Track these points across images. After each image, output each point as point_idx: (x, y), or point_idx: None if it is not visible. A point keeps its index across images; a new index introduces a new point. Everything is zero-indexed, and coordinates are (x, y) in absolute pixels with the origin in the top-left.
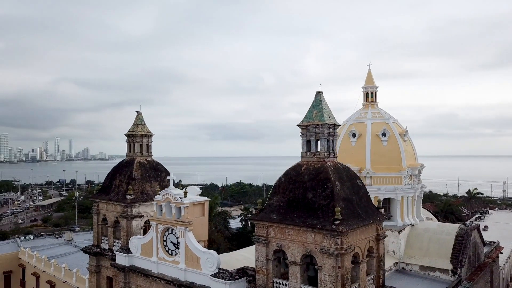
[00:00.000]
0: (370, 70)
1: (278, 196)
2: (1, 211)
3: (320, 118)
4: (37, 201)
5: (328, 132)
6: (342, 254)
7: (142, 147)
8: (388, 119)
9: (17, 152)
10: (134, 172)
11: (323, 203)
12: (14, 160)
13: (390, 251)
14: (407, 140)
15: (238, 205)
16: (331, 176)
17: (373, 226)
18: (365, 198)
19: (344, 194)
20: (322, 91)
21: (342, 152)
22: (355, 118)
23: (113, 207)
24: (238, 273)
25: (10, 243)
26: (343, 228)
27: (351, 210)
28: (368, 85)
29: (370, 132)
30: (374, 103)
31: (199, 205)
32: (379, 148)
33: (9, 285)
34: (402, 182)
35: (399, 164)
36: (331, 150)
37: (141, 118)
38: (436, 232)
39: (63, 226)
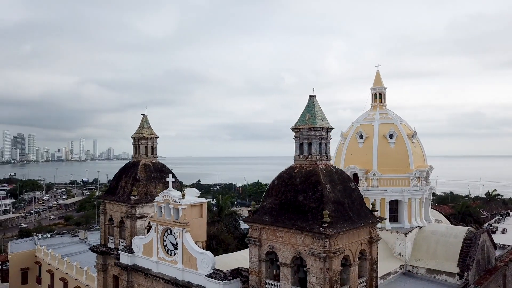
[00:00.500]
0: (378, 71)
1: (271, 199)
2: (27, 209)
3: (313, 121)
4: (60, 200)
5: (320, 135)
6: (330, 257)
7: (147, 149)
8: (396, 121)
9: (44, 152)
10: (138, 174)
11: (313, 205)
12: (41, 159)
13: (397, 254)
14: (415, 141)
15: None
16: (322, 179)
17: (365, 229)
18: (358, 201)
19: (335, 197)
20: (315, 95)
21: (350, 153)
22: (362, 119)
23: (118, 208)
24: (232, 274)
25: (28, 241)
26: (330, 231)
27: (342, 213)
28: (376, 86)
29: (377, 133)
30: (382, 104)
31: (197, 206)
32: (386, 150)
33: (26, 282)
34: (410, 184)
35: (406, 165)
36: (323, 153)
37: (146, 121)
38: (444, 235)
39: (83, 224)
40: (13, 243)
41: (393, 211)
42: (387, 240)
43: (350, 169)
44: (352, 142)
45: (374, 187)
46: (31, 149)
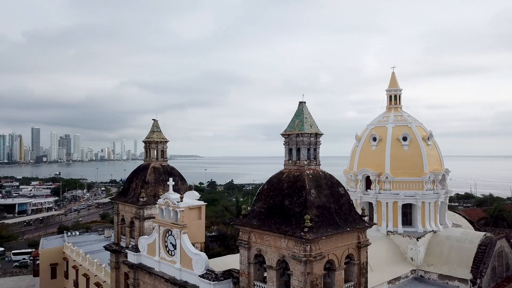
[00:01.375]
0: (394, 72)
1: (260, 203)
2: (68, 207)
3: (301, 127)
4: (99, 198)
5: (308, 141)
6: (311, 261)
7: (157, 153)
8: (411, 123)
9: (88, 152)
10: (148, 176)
11: (297, 210)
12: (86, 159)
13: (408, 258)
14: (431, 144)
15: None
16: (307, 184)
17: (353, 233)
18: (347, 206)
19: (320, 202)
20: (305, 101)
21: (363, 156)
22: (377, 122)
23: (129, 209)
24: (224, 275)
25: (59, 238)
26: (310, 236)
27: (327, 217)
28: (391, 88)
29: (390, 136)
30: (397, 106)
31: (196, 209)
32: (399, 152)
33: (55, 276)
34: (424, 188)
35: (420, 169)
36: (312, 158)
37: (157, 126)
38: (459, 240)
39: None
40: (45, 239)
41: (407, 215)
42: (399, 244)
43: (362, 172)
44: (365, 145)
45: (386, 190)
46: (76, 149)
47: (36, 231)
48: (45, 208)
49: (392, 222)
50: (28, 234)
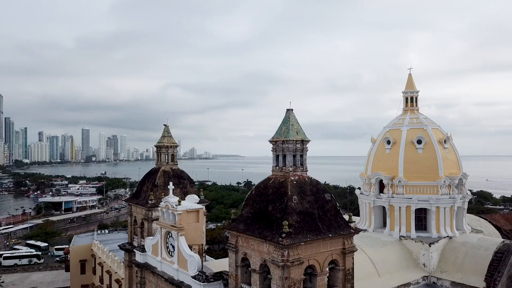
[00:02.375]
0: (410, 74)
1: (248, 208)
2: (110, 205)
3: (286, 134)
4: None
5: (294, 147)
6: (288, 266)
7: (167, 157)
8: (427, 125)
9: (134, 152)
10: (157, 180)
11: (278, 216)
12: (131, 159)
13: (421, 264)
14: (448, 147)
15: None
16: (289, 190)
17: (337, 239)
18: (332, 212)
19: (302, 208)
20: (292, 108)
21: (377, 159)
22: (392, 124)
23: (140, 210)
24: (214, 276)
25: (89, 236)
26: (287, 241)
27: (309, 223)
28: (408, 90)
29: (404, 139)
30: (414, 108)
31: (193, 212)
32: (413, 156)
33: (84, 272)
34: (438, 192)
35: (435, 172)
36: (298, 165)
37: (167, 131)
38: (474, 246)
39: None
40: (77, 236)
41: (421, 220)
42: (412, 249)
43: (375, 176)
44: (379, 148)
45: (399, 195)
46: (123, 149)
47: (78, 228)
48: (89, 206)
49: (405, 226)
50: (71, 230)
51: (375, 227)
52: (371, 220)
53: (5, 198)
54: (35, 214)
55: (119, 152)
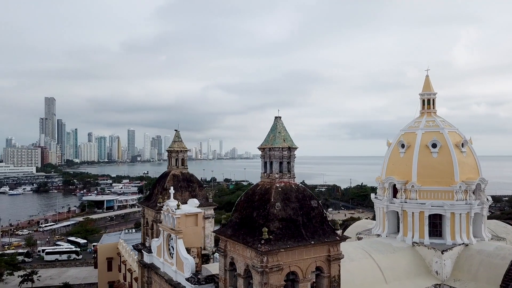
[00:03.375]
0: (428, 75)
1: (236, 213)
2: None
3: (273, 142)
4: None
5: (280, 155)
6: (267, 272)
7: (177, 161)
8: (443, 129)
9: None
10: (166, 183)
11: (261, 222)
12: None
13: (433, 271)
14: (466, 151)
15: (356, 209)
16: (272, 197)
17: (322, 247)
18: (318, 219)
19: (285, 215)
20: (280, 116)
21: (391, 163)
22: (407, 127)
23: (150, 212)
24: (206, 279)
25: (117, 234)
26: (265, 248)
27: (292, 230)
28: (425, 92)
29: (419, 142)
30: (431, 111)
31: (192, 216)
32: (428, 160)
33: (111, 269)
34: (454, 198)
35: (450, 177)
36: (285, 171)
37: (178, 136)
38: (490, 255)
39: None
40: (106, 235)
41: (436, 226)
42: (425, 256)
43: (388, 180)
44: (394, 152)
45: (412, 200)
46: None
47: (117, 226)
48: (129, 205)
49: (418, 232)
50: (110, 228)
51: (388, 233)
52: (385, 225)
53: (54, 196)
54: (79, 212)
55: (163, 152)
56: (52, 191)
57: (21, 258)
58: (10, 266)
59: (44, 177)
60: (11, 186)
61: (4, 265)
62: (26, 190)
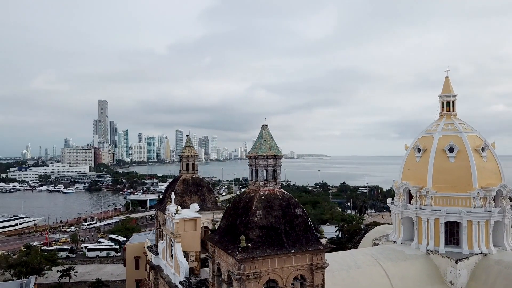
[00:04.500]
0: (447, 76)
1: (224, 220)
2: None
3: (258, 150)
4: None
5: (265, 163)
6: (243, 279)
7: (188, 166)
8: (462, 132)
9: (223, 152)
10: (176, 187)
11: (242, 230)
12: (221, 158)
13: (448, 281)
14: (486, 155)
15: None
16: (254, 205)
17: (304, 255)
18: (302, 227)
19: (266, 223)
20: (267, 124)
21: (407, 168)
22: (425, 131)
23: (161, 215)
24: (198, 284)
25: (147, 234)
26: (241, 256)
27: (272, 238)
28: (444, 94)
29: (435, 146)
30: (450, 113)
31: (191, 221)
32: (444, 165)
33: (138, 267)
34: (471, 204)
35: (468, 183)
36: (270, 179)
37: (189, 141)
38: (509, 265)
39: None
40: (136, 235)
41: (454, 234)
42: (439, 265)
43: (403, 186)
44: (410, 156)
45: (427, 206)
46: (213, 149)
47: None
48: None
49: (433, 240)
50: (150, 227)
51: (404, 239)
52: (400, 231)
53: (104, 194)
54: (124, 210)
55: (210, 152)
56: (102, 190)
57: (65, 254)
58: (49, 262)
59: (95, 177)
60: (65, 184)
61: (43, 261)
62: (78, 189)
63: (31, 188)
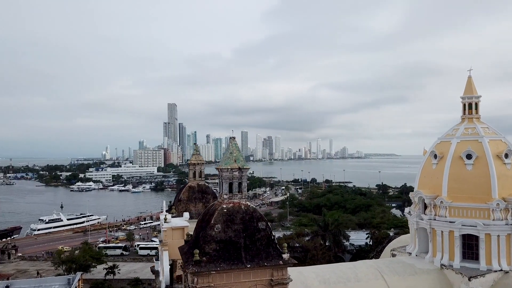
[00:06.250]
0: (470, 76)
1: (194, 231)
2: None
3: (224, 163)
4: (273, 197)
5: (230, 175)
6: None
7: (195, 173)
8: (483, 137)
9: (287, 152)
10: (181, 195)
11: (201, 243)
12: (285, 158)
13: None
14: (510, 163)
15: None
16: (213, 219)
17: (263, 270)
18: (264, 241)
19: (225, 237)
20: (234, 136)
21: (423, 175)
22: (444, 135)
23: None
24: None
25: None
26: (192, 269)
27: (230, 252)
28: (466, 95)
29: (452, 153)
30: (473, 116)
31: (179, 229)
32: (460, 173)
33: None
34: (490, 216)
35: (487, 193)
36: (235, 192)
37: (196, 149)
38: None
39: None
40: None
41: (472, 247)
42: (453, 281)
43: (418, 194)
44: (427, 163)
45: (441, 217)
46: (277, 149)
47: None
48: None
49: (448, 254)
50: None
51: (419, 251)
52: (416, 243)
53: (168, 194)
54: None
55: (274, 152)
56: (167, 189)
57: (119, 251)
58: (94, 260)
59: (162, 176)
60: (134, 184)
61: (89, 258)
62: (145, 188)
63: (104, 187)
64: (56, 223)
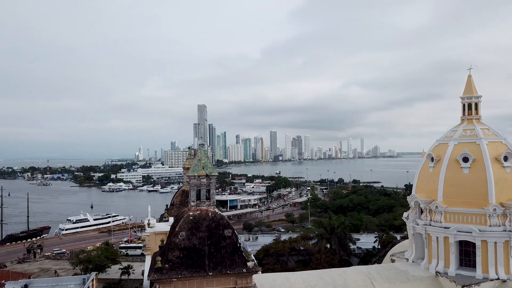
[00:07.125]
0: (470, 75)
1: (168, 238)
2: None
3: (192, 170)
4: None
5: (197, 182)
6: None
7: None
8: (481, 139)
9: (317, 151)
10: (174, 199)
11: (165, 250)
12: (315, 158)
13: None
14: (510, 166)
15: None
16: (178, 226)
17: (226, 278)
18: (229, 249)
19: (189, 244)
20: (203, 143)
21: (421, 179)
22: (443, 137)
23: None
24: None
25: None
26: (153, 277)
27: (193, 260)
28: (465, 95)
29: (449, 155)
30: (472, 117)
31: (162, 234)
32: (456, 177)
33: None
34: (487, 222)
35: (483, 198)
36: (203, 199)
37: (191, 154)
38: None
39: (297, 223)
40: None
41: (470, 255)
42: None
43: (413, 199)
44: (424, 166)
45: (436, 222)
46: (307, 149)
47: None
48: (250, 205)
49: (443, 261)
50: None
51: (416, 257)
52: (413, 248)
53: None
54: None
55: (303, 152)
56: None
57: (140, 251)
58: (109, 260)
59: None
60: (162, 185)
61: (103, 259)
62: (173, 189)
63: (134, 188)
64: (83, 223)
